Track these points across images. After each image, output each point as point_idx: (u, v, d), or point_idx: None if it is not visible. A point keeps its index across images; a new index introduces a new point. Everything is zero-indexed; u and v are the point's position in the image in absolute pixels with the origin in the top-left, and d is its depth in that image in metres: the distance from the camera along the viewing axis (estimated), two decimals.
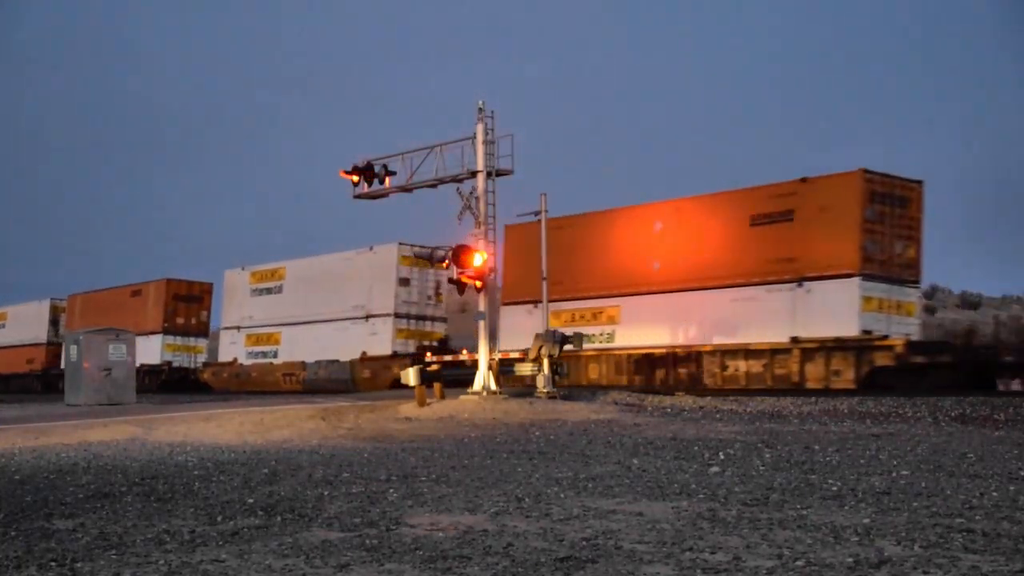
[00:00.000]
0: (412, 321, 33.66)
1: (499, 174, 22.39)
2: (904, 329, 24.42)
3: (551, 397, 21.07)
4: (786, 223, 24.99)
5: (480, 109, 22.30)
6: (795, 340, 24.49)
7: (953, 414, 17.42)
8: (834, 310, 23.89)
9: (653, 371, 27.18)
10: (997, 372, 22.31)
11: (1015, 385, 21.67)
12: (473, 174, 22.31)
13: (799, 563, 5.66)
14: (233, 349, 40.07)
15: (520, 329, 28.17)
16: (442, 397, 21.78)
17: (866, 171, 24.02)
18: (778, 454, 11.79)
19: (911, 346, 23.41)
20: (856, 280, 23.67)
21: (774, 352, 24.94)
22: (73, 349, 28.40)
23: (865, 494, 8.32)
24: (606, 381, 27.69)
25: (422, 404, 20.69)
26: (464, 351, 24.31)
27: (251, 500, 8.60)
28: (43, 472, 11.34)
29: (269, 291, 38.45)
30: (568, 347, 22.21)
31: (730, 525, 6.94)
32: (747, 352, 25.47)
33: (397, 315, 33.30)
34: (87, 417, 20.24)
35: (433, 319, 34.38)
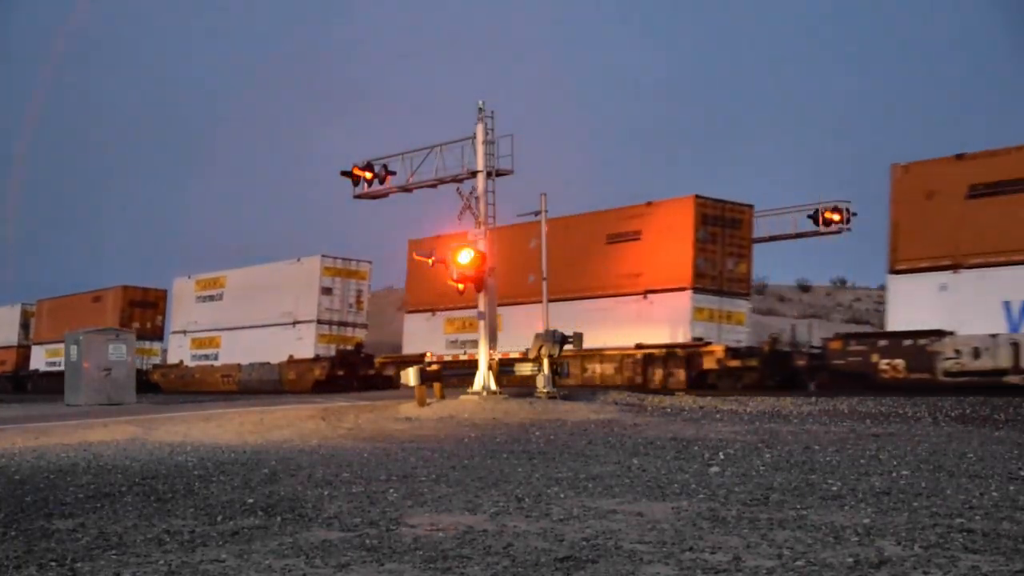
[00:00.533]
0: (334, 327, 36.46)
1: (499, 174, 22.39)
2: (735, 336, 27.73)
3: (551, 397, 21.07)
4: (635, 242, 28.48)
5: (480, 109, 22.30)
6: (639, 346, 27.83)
7: (953, 414, 17.42)
8: (671, 319, 27.21)
9: None
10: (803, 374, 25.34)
11: (812, 387, 24.39)
12: (473, 174, 22.31)
13: (799, 563, 5.66)
14: (180, 352, 42.92)
15: (421, 335, 32.95)
16: (442, 397, 21.78)
17: (698, 196, 27.51)
18: (778, 454, 11.80)
19: (728, 352, 26.37)
20: (688, 293, 26.99)
21: (623, 356, 28.14)
22: (73, 349, 28.40)
23: (865, 494, 8.32)
24: None
25: (422, 404, 20.69)
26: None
27: (251, 500, 8.60)
28: (43, 472, 11.34)
29: (212, 298, 41.58)
30: (568, 347, 22.24)
31: (730, 525, 6.95)
32: (601, 356, 28.41)
33: (319, 321, 36.16)
34: (87, 417, 20.25)
35: (354, 325, 37.12)
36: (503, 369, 22.45)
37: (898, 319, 22.58)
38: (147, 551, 6.41)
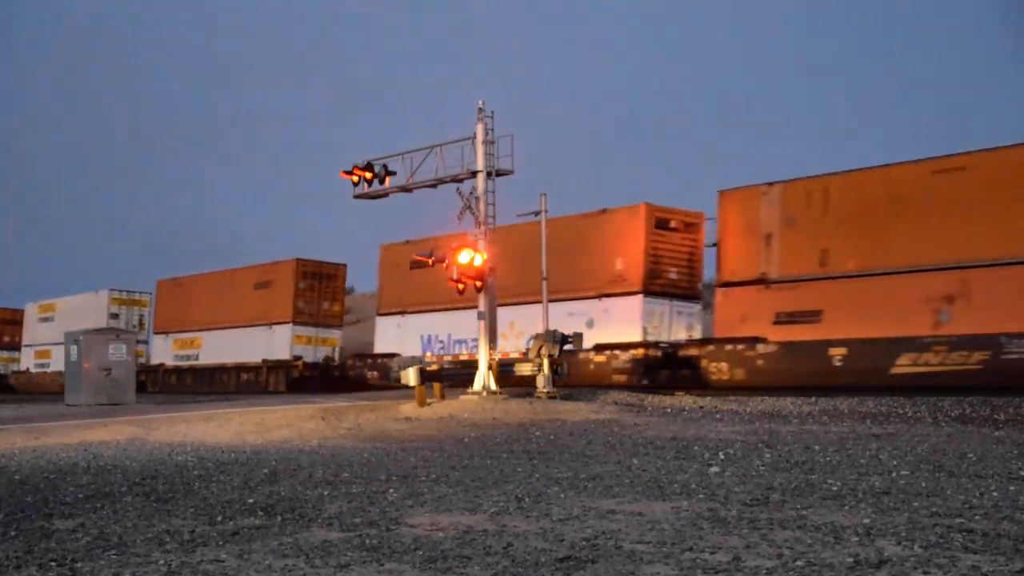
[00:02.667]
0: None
1: (499, 174, 22.39)
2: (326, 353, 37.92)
3: (551, 397, 21.07)
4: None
5: (480, 109, 22.30)
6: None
7: (953, 414, 17.43)
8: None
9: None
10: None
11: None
12: (473, 174, 22.30)
13: (799, 563, 5.66)
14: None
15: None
16: (442, 397, 21.78)
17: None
18: (778, 454, 11.80)
19: (305, 365, 36.78)
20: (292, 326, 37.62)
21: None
22: (73, 349, 28.41)
23: (865, 494, 8.32)
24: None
25: (422, 404, 20.69)
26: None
27: (251, 500, 8.60)
28: (43, 472, 11.34)
29: (47, 319, 50.21)
30: (568, 347, 22.25)
31: (730, 525, 6.94)
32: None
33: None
34: (87, 417, 20.26)
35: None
36: (502, 370, 22.46)
37: (379, 345, 35.20)
38: (147, 551, 6.41)
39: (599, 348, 27.48)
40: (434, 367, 23.97)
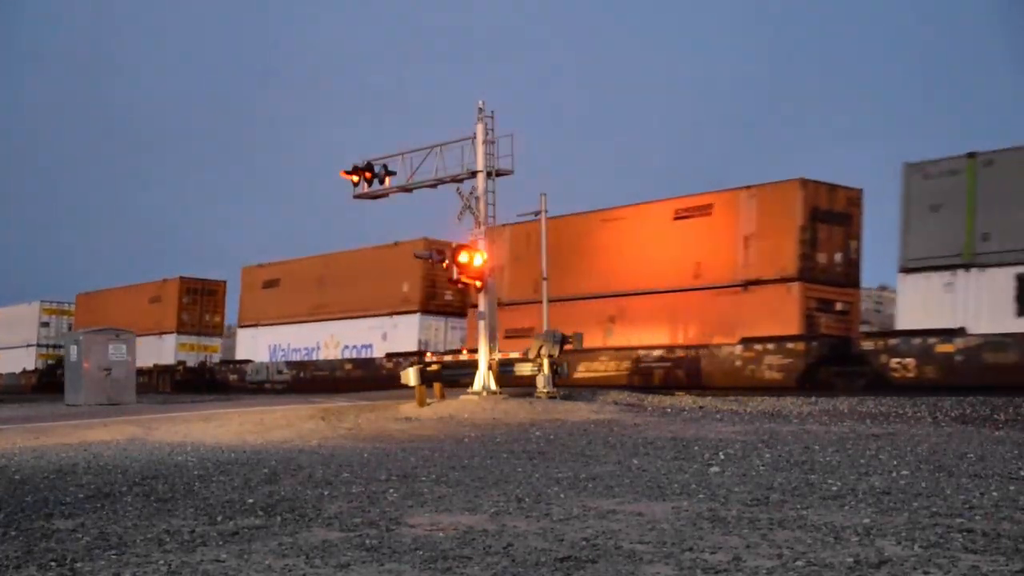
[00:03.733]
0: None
1: (499, 174, 22.40)
2: (203, 359, 44.05)
3: (551, 397, 21.07)
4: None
5: (480, 109, 22.31)
6: None
7: (953, 414, 17.42)
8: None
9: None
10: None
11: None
12: (473, 174, 22.31)
13: (799, 563, 5.66)
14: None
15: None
16: (442, 397, 21.78)
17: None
18: (778, 454, 11.80)
19: (186, 369, 42.79)
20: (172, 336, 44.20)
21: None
22: (73, 349, 28.39)
23: (865, 494, 8.32)
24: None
25: (422, 404, 20.69)
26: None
27: (251, 500, 8.60)
28: (43, 472, 11.34)
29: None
30: (568, 347, 22.25)
31: (730, 525, 6.94)
32: None
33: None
34: (87, 417, 20.25)
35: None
36: (502, 370, 22.47)
37: (239, 352, 41.08)
38: (147, 551, 6.41)
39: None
40: (435, 367, 23.98)
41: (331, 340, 36.06)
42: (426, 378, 22.27)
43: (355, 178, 23.81)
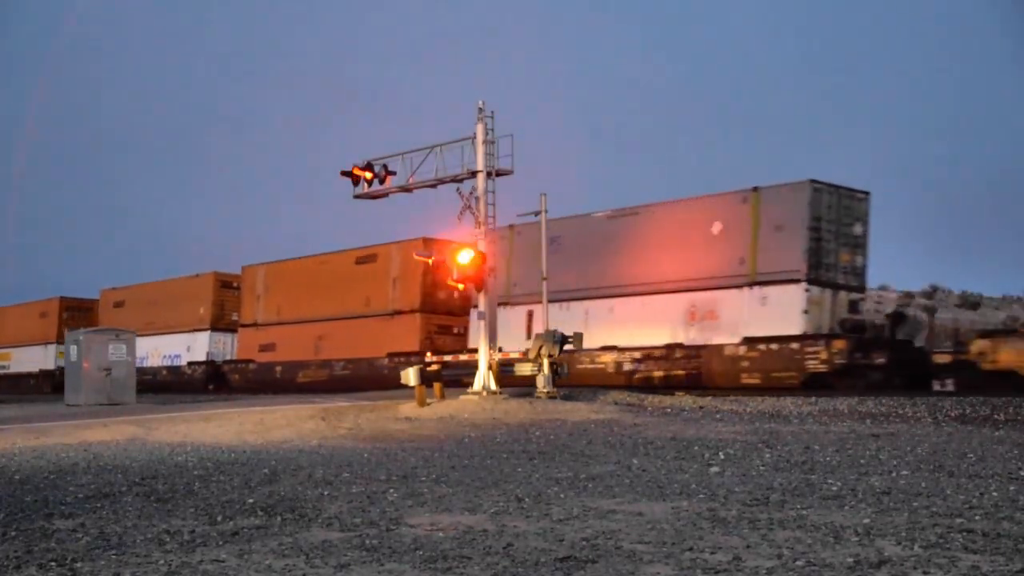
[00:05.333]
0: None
1: (499, 174, 22.39)
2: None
3: (551, 397, 21.07)
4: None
5: (480, 109, 22.30)
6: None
7: (953, 414, 17.42)
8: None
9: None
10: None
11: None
12: (473, 174, 22.30)
13: (799, 563, 5.66)
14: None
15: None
16: (442, 397, 21.77)
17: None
18: (778, 454, 11.80)
19: (61, 373, 41.00)
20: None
21: None
22: (73, 349, 28.38)
23: (865, 494, 8.32)
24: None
25: (422, 404, 20.68)
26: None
27: (251, 500, 8.60)
28: (43, 472, 11.34)
29: None
30: (568, 347, 22.26)
31: (730, 525, 6.94)
32: None
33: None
34: (87, 417, 20.25)
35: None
36: (503, 370, 22.48)
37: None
38: (147, 551, 6.41)
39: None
40: (435, 367, 23.99)
41: (155, 351, 44.69)
42: (426, 378, 22.28)
43: (355, 178, 23.80)
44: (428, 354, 29.85)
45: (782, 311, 23.66)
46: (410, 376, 22.18)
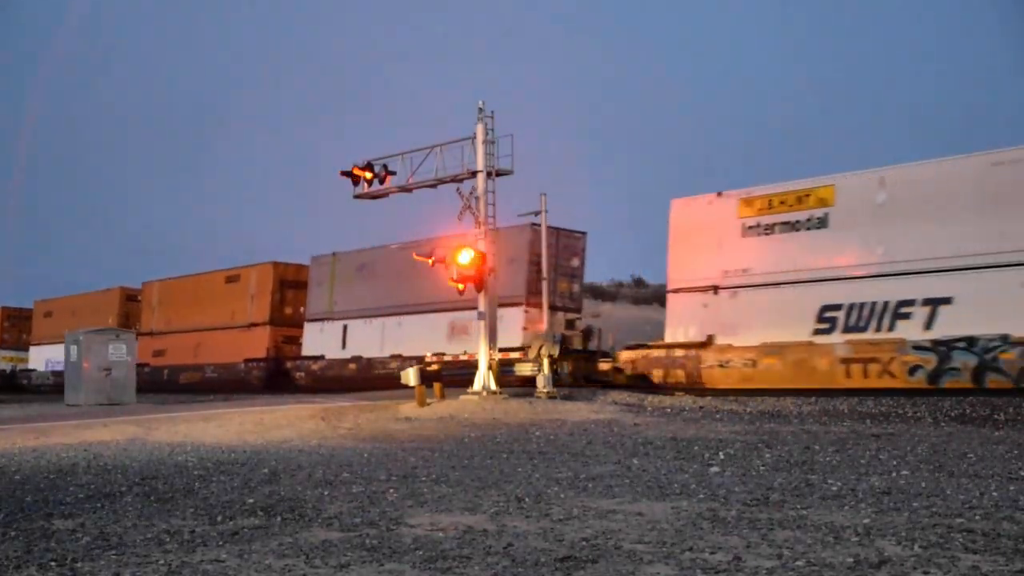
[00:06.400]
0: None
1: (499, 174, 22.40)
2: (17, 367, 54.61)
3: (551, 397, 21.08)
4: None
5: (480, 109, 22.31)
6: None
7: (953, 414, 17.42)
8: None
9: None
10: None
11: None
12: (473, 174, 22.31)
13: (799, 563, 5.66)
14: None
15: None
16: (442, 397, 21.78)
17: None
18: (778, 454, 11.80)
19: (3, 375, 52.38)
20: None
21: None
22: (73, 349, 28.38)
23: (865, 494, 8.32)
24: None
25: (422, 404, 20.69)
26: None
27: (251, 500, 8.60)
28: (43, 472, 11.34)
29: None
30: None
31: (730, 525, 6.95)
32: None
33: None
34: (87, 417, 20.25)
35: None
36: (503, 370, 22.49)
37: (32, 364, 52.35)
38: (147, 551, 6.41)
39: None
40: (435, 367, 24.01)
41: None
42: (426, 377, 22.30)
43: (355, 178, 23.81)
44: (428, 354, 30.20)
45: (508, 326, 27.54)
46: (410, 376, 22.20)
